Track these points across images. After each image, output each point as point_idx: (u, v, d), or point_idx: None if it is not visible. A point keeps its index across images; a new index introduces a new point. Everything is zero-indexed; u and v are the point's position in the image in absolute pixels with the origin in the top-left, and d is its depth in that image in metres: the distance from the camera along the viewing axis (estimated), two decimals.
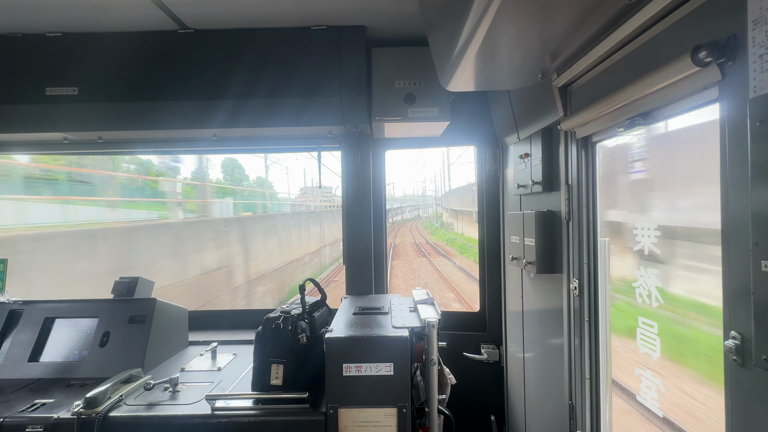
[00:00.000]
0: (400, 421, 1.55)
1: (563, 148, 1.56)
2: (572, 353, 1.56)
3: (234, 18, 1.95)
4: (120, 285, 2.22)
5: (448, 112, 2.12)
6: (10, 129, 2.14)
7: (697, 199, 1.13)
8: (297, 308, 1.80)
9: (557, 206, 1.65)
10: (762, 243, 0.71)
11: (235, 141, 2.43)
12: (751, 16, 0.71)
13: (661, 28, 0.98)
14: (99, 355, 1.94)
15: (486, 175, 2.52)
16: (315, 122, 2.12)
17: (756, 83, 0.71)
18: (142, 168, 14.07)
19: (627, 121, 1.15)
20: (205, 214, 12.94)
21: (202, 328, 2.54)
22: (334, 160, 15.42)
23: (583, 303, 1.50)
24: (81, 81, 2.03)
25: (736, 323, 0.78)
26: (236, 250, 9.92)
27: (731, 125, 0.79)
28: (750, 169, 0.73)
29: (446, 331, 2.49)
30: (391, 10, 1.90)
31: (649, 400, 1.28)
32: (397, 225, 44.62)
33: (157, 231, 7.88)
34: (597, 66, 1.28)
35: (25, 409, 1.61)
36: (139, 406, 1.61)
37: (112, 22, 1.96)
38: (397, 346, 1.57)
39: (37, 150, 2.49)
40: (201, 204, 12.87)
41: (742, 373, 0.77)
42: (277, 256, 12.58)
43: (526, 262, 1.84)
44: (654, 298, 1.22)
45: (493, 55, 1.30)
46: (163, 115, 2.09)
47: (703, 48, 0.80)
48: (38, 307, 2.11)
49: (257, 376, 1.64)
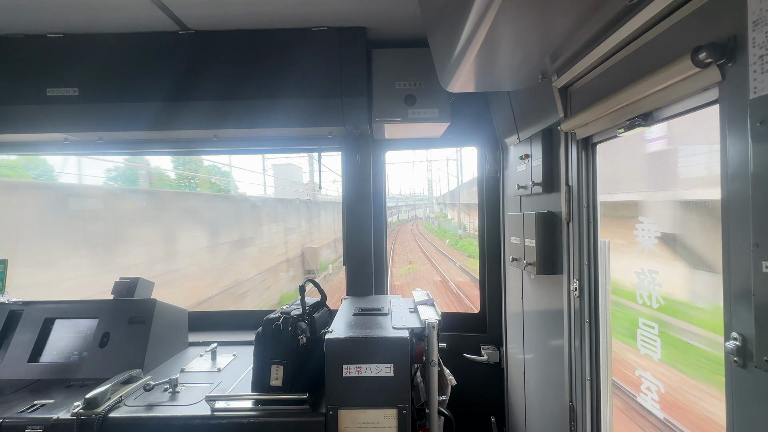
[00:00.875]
0: (401, 422, 1.54)
1: (563, 149, 1.56)
2: (572, 354, 1.56)
3: (235, 19, 1.95)
4: (120, 286, 2.22)
5: (448, 113, 2.12)
6: (11, 129, 2.14)
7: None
8: (297, 309, 1.80)
9: (557, 207, 1.65)
10: (763, 244, 0.71)
11: (235, 142, 2.43)
12: (751, 17, 0.71)
13: (661, 29, 0.99)
14: (99, 356, 1.94)
15: (486, 176, 2.53)
16: (315, 123, 2.13)
17: (756, 84, 0.71)
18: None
19: (627, 122, 1.15)
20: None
21: (201, 328, 2.54)
22: (331, 159, 14.21)
23: (583, 304, 1.50)
24: (82, 82, 2.03)
25: (737, 324, 0.78)
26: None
27: (731, 126, 0.79)
28: (750, 170, 0.73)
29: (446, 332, 2.49)
30: (392, 12, 1.90)
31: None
32: (394, 227, 34.69)
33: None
34: (597, 67, 1.28)
35: (25, 409, 1.60)
36: (138, 407, 1.60)
37: (113, 23, 1.96)
38: (397, 347, 1.56)
39: (38, 150, 2.49)
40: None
41: (742, 375, 0.77)
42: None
43: (526, 263, 1.83)
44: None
45: (494, 56, 1.31)
46: (163, 116, 2.09)
47: (704, 49, 0.80)
48: (38, 307, 2.11)
49: (257, 377, 1.64)
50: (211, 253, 9.15)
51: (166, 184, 13.83)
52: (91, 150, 2.45)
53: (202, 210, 9.48)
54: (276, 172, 19.70)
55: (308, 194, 17.34)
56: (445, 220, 35.40)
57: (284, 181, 19.30)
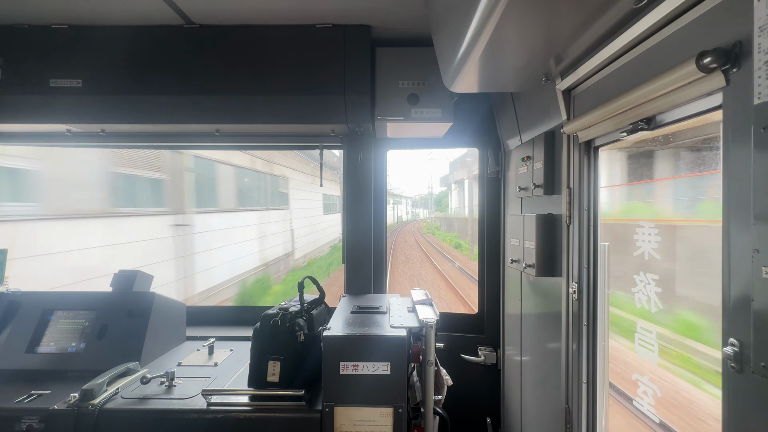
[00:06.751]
0: (396, 420, 1.54)
1: (565, 151, 1.56)
2: (570, 357, 1.56)
3: (240, 14, 1.95)
4: (119, 278, 2.22)
5: (451, 114, 2.12)
6: (14, 120, 2.14)
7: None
8: (295, 306, 1.80)
9: (558, 209, 1.64)
10: (763, 250, 0.71)
11: (237, 137, 2.43)
12: (757, 23, 0.71)
13: (666, 33, 0.98)
14: (96, 348, 1.94)
15: (487, 177, 2.52)
16: (318, 120, 2.13)
17: (761, 90, 0.71)
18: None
19: (630, 125, 1.15)
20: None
21: (199, 323, 2.54)
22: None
23: (581, 307, 1.50)
24: (85, 73, 2.03)
25: (735, 330, 0.78)
26: None
27: (735, 131, 0.79)
28: (753, 176, 0.73)
29: (444, 332, 2.49)
30: (397, 10, 1.90)
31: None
32: (393, 230, 32.36)
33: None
34: (601, 70, 1.28)
35: (22, 399, 1.61)
36: (135, 400, 1.61)
37: (118, 15, 1.96)
38: (394, 345, 1.57)
39: (40, 141, 2.49)
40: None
41: (740, 380, 0.77)
42: None
43: (525, 265, 1.83)
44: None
45: (498, 56, 1.30)
46: (166, 109, 2.09)
47: (708, 54, 0.80)
48: (37, 298, 2.11)
49: (254, 373, 1.64)
50: None
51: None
52: (93, 142, 2.45)
53: None
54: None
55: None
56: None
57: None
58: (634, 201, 2.21)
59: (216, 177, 9.00)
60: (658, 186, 2.18)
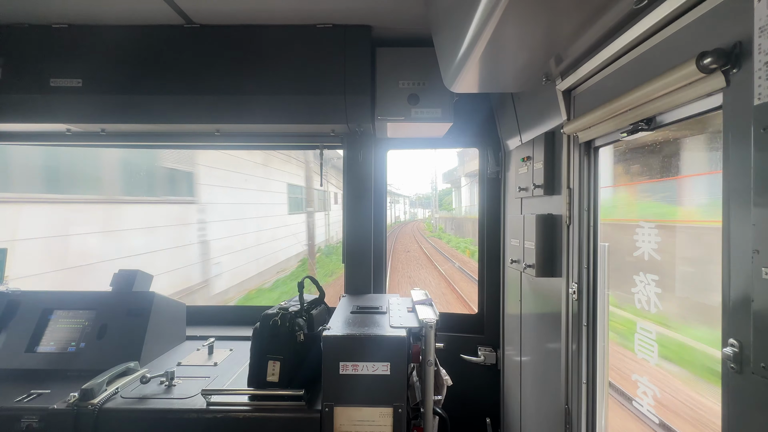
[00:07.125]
0: (396, 421, 1.54)
1: (566, 151, 1.56)
2: (570, 357, 1.56)
3: (240, 14, 1.95)
4: (119, 278, 2.21)
5: (451, 114, 2.12)
6: (14, 119, 2.14)
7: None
8: (295, 305, 1.80)
9: (558, 210, 1.65)
10: (763, 250, 0.71)
11: (238, 137, 2.43)
12: (757, 24, 0.71)
13: (666, 33, 0.98)
14: (96, 348, 1.94)
15: (487, 177, 2.52)
16: (318, 120, 2.13)
17: (761, 90, 0.71)
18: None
19: (630, 126, 1.15)
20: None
21: (199, 323, 2.54)
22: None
23: (581, 307, 1.50)
24: (85, 73, 2.03)
25: (735, 331, 0.78)
26: None
27: (735, 132, 0.79)
28: (753, 176, 0.73)
29: (444, 332, 2.49)
30: (397, 10, 1.90)
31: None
32: (390, 232, 28.63)
33: None
34: (601, 71, 1.28)
35: (21, 399, 1.61)
36: (134, 399, 1.61)
37: (119, 14, 1.96)
38: (394, 345, 1.56)
39: (40, 141, 2.49)
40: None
41: (739, 381, 0.77)
42: None
43: (525, 265, 1.83)
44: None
45: (498, 57, 1.31)
46: (166, 109, 2.09)
47: (709, 55, 0.80)
48: (36, 297, 2.11)
49: (253, 373, 1.64)
50: None
51: None
52: (93, 142, 2.45)
53: None
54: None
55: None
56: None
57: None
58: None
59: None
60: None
